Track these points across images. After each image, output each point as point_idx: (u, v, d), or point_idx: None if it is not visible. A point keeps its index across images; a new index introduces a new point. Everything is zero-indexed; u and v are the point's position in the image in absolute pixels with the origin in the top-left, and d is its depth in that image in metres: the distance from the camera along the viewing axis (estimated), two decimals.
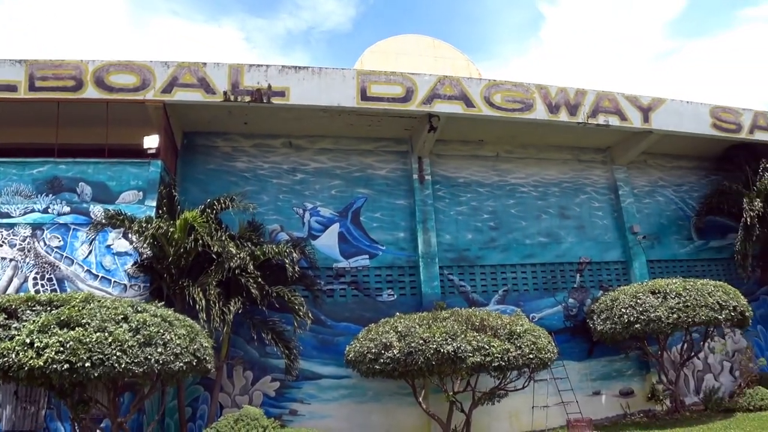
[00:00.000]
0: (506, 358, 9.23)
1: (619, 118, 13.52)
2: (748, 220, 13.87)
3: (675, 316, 11.14)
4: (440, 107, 12.01)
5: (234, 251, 9.70)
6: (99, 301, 7.47)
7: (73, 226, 10.23)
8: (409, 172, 13.42)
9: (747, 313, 11.94)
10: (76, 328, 6.77)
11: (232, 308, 9.53)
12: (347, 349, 10.53)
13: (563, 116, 12.88)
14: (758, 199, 14.23)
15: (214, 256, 9.79)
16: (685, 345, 12.64)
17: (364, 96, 11.83)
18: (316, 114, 12.07)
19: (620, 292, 12.23)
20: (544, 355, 9.79)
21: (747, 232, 14.07)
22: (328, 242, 12.44)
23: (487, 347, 9.17)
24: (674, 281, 11.97)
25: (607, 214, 14.76)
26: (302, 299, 10.46)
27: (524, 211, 13.91)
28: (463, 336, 9.25)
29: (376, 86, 12.01)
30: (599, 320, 12.16)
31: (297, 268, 10.51)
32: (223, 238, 9.93)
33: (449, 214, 13.32)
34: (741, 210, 14.44)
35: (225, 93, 11.12)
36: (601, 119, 13.29)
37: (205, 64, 11.26)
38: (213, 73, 11.21)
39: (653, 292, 11.68)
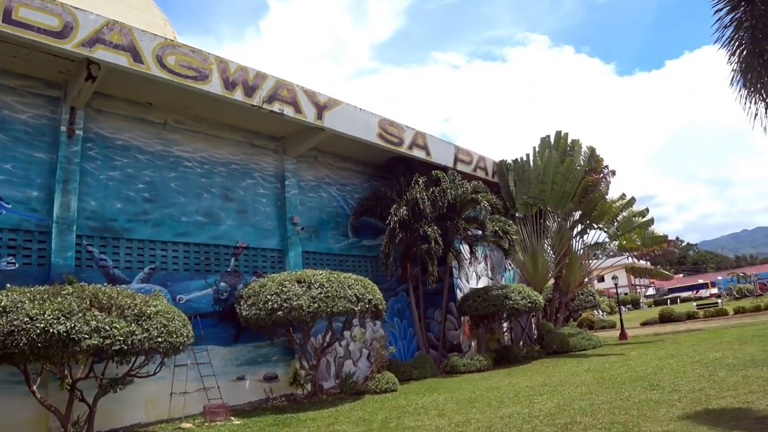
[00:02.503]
0: (130, 342, 9.34)
1: (294, 109, 15.53)
2: (392, 224, 17.31)
3: (316, 305, 13.31)
4: (102, 54, 12.04)
5: None
6: None
7: None
8: (57, 122, 12.99)
9: (381, 306, 14.93)
10: None
11: None
12: None
13: (239, 95, 14.22)
14: (405, 207, 17.91)
15: None
16: (328, 333, 15.07)
17: (7, 18, 10.91)
18: None
19: (269, 279, 14.09)
20: (176, 339, 10.20)
21: (391, 234, 17.57)
22: None
23: (109, 328, 9.16)
24: (320, 272, 14.29)
25: (271, 202, 16.76)
26: None
27: (185, 186, 14.80)
28: (81, 315, 9.11)
29: (27, 10, 11.23)
30: (246, 306, 13.77)
31: None
32: None
33: (99, 178, 13.35)
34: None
35: None
36: (276, 106, 15.06)
37: None
38: None
39: (299, 281, 13.75)
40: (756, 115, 8.99)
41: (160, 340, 9.85)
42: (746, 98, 9.02)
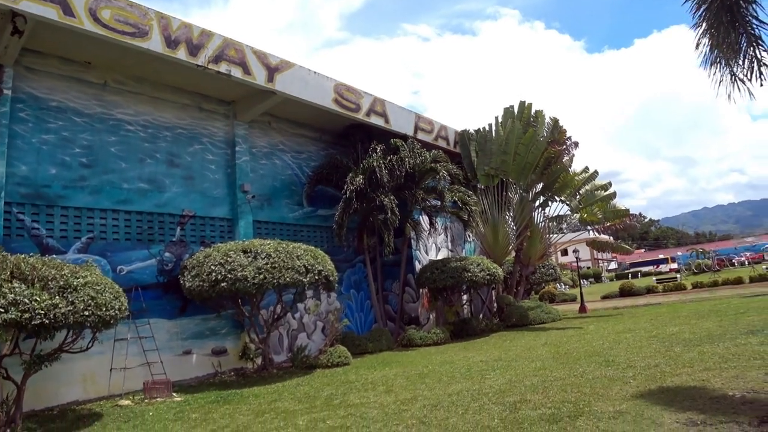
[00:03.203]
0: (52, 315, 8.57)
1: (242, 70, 14.82)
2: (348, 193, 16.84)
3: (261, 276, 12.74)
4: (28, 6, 11.14)
5: None
6: None
7: None
8: None
9: (332, 278, 14.42)
10: None
11: None
12: None
13: (182, 54, 13.47)
14: (361, 176, 17.42)
15: None
16: (279, 305, 14.61)
17: None
18: None
19: (215, 249, 13.50)
20: (106, 312, 9.40)
21: (346, 204, 17.13)
22: None
23: (29, 301, 8.40)
24: (268, 242, 13.73)
25: (220, 169, 16.06)
26: None
27: (127, 151, 14.03)
28: None
29: None
30: (189, 277, 13.20)
31: None
32: None
33: (31, 141, 12.53)
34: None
35: None
36: (223, 67, 14.34)
37: None
38: None
39: (245, 251, 13.17)
40: (721, 82, 8.66)
41: (87, 313, 9.06)
42: (711, 64, 8.69)
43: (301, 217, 18.48)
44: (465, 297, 23.10)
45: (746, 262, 56.64)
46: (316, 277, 13.67)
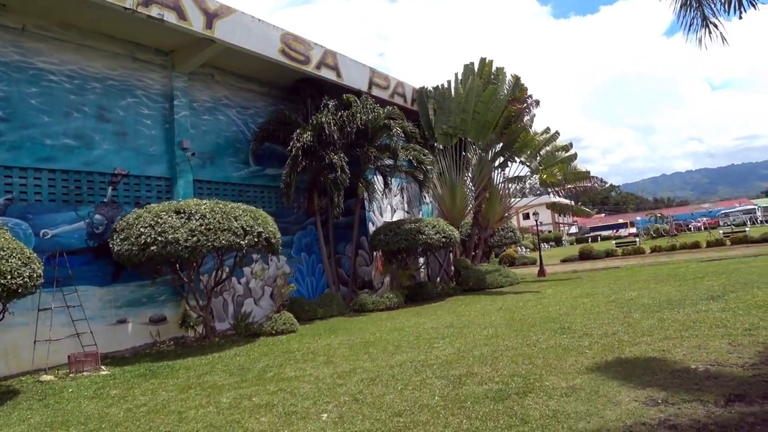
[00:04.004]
0: None
1: (177, 15, 13.72)
2: (294, 150, 16.00)
3: (195, 239, 11.86)
4: None
5: None
6: None
7: None
8: None
9: (273, 240, 13.58)
10: None
11: None
12: None
13: None
14: (310, 133, 16.59)
15: None
16: (219, 270, 13.83)
17: None
18: None
19: (147, 209, 12.58)
20: (12, 280, 8.52)
21: (294, 162, 16.31)
22: None
23: None
24: (204, 202, 12.85)
25: (157, 124, 15.00)
26: None
27: (50, 104, 12.88)
28: None
29: None
30: (118, 240, 12.27)
31: None
32: None
33: None
34: None
35: None
36: (155, 11, 13.22)
37: None
38: None
39: (178, 212, 12.27)
40: (691, 26, 8.08)
41: None
42: (682, 6, 8.10)
43: (247, 176, 17.54)
44: (422, 260, 22.67)
45: (702, 228, 57.80)
46: (256, 240, 12.85)
